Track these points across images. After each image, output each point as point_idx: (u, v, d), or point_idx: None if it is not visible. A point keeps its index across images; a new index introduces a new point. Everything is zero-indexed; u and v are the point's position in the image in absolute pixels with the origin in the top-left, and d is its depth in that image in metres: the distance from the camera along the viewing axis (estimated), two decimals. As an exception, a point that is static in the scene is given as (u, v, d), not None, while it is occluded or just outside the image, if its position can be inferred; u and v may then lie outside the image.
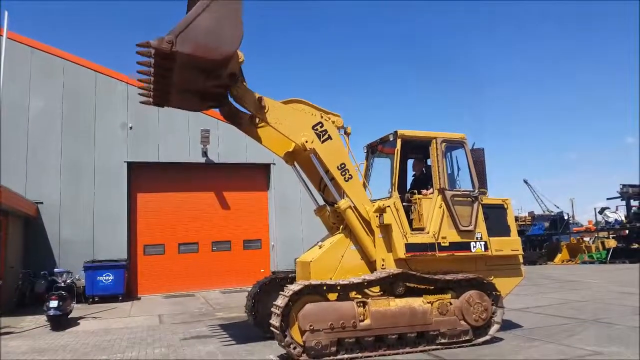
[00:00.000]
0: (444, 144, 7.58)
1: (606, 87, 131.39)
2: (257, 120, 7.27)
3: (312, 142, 7.01)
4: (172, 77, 6.25)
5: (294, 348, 5.92)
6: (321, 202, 8.14)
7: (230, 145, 17.16)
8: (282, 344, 5.95)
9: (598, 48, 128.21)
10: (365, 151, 8.50)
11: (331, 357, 6.01)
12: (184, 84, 6.59)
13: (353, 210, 7.04)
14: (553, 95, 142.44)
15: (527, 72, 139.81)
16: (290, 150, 7.73)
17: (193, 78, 6.35)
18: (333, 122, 7.42)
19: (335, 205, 7.20)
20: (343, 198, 7.15)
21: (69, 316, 10.34)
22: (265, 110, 6.86)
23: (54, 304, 9.54)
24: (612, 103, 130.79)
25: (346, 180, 7.13)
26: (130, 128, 16.17)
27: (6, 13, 10.43)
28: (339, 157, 7.19)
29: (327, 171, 7.24)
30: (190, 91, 6.92)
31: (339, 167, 7.12)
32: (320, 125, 7.14)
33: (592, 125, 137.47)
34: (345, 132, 7.70)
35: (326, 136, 7.14)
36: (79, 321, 10.64)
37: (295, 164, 7.94)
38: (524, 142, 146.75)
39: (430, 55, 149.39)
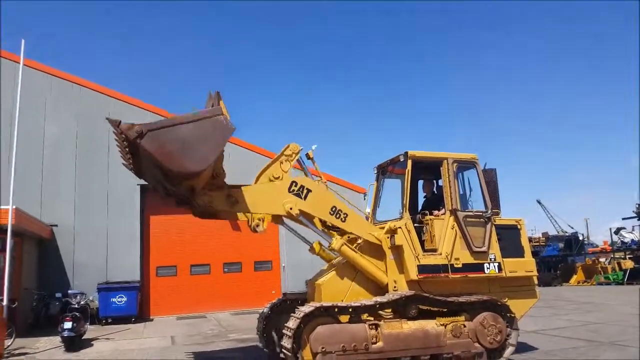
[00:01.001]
0: (455, 164, 7.56)
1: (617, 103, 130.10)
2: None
3: (296, 206, 6.74)
4: (140, 160, 5.95)
5: (306, 371, 5.87)
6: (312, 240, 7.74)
7: (240, 166, 17.25)
8: (294, 366, 5.90)
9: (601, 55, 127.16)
10: (375, 172, 8.49)
11: (343, 380, 5.93)
12: (148, 172, 6.39)
13: (348, 245, 6.96)
14: (564, 112, 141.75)
15: (530, 80, 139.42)
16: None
17: (154, 172, 6.02)
18: (292, 152, 7.00)
19: (329, 247, 7.13)
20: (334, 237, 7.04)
21: (82, 337, 10.40)
22: (238, 203, 6.56)
23: (68, 325, 9.62)
24: (623, 119, 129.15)
25: (343, 221, 6.99)
26: (144, 150, 16.40)
27: (23, 42, 10.77)
28: (327, 203, 6.97)
29: (311, 220, 7.10)
30: (155, 180, 6.62)
31: (332, 212, 6.93)
32: (295, 184, 6.83)
33: (604, 141, 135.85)
34: (308, 157, 7.45)
35: (305, 191, 6.85)
36: (92, 342, 10.68)
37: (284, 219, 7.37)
38: (535, 161, 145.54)
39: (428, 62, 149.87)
